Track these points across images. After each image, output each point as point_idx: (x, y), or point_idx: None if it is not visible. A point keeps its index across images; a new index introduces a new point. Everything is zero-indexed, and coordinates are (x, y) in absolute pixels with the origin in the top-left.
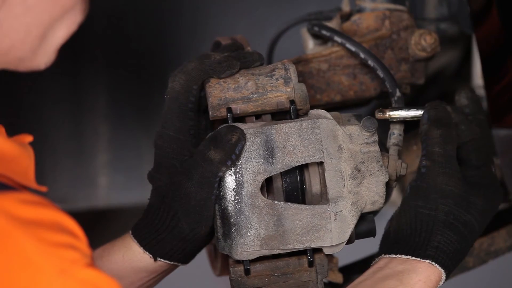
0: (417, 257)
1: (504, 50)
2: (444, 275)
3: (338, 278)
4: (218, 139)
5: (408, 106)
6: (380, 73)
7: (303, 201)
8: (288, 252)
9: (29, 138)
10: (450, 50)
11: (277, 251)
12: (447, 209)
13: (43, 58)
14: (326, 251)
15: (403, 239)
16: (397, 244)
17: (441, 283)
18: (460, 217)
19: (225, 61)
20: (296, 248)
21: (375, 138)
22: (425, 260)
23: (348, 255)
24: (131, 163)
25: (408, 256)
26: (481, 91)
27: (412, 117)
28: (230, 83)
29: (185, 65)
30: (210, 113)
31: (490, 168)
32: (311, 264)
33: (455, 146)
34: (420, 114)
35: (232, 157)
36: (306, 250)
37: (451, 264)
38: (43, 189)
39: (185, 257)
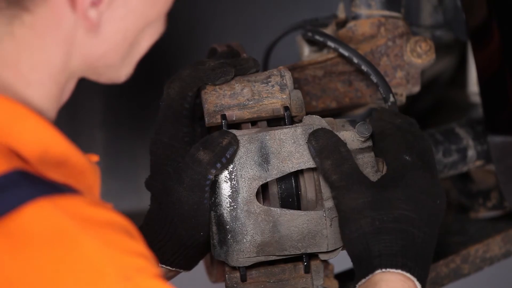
0: (367, 276)
1: (505, 76)
2: (409, 274)
3: (333, 285)
4: (209, 142)
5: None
6: (374, 78)
7: (298, 207)
8: (284, 259)
9: (95, 158)
10: (445, 57)
11: (273, 257)
12: (369, 220)
13: (127, 68)
14: (322, 257)
15: (355, 270)
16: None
17: (416, 282)
18: (385, 218)
19: (219, 67)
20: (292, 254)
21: (370, 143)
22: (375, 272)
23: (344, 262)
24: (126, 170)
25: (362, 280)
26: (476, 98)
27: None
28: (226, 89)
29: (180, 72)
30: (206, 119)
31: (400, 157)
32: (307, 270)
33: (351, 161)
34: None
35: (222, 160)
36: (302, 256)
37: (410, 261)
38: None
39: (188, 264)
